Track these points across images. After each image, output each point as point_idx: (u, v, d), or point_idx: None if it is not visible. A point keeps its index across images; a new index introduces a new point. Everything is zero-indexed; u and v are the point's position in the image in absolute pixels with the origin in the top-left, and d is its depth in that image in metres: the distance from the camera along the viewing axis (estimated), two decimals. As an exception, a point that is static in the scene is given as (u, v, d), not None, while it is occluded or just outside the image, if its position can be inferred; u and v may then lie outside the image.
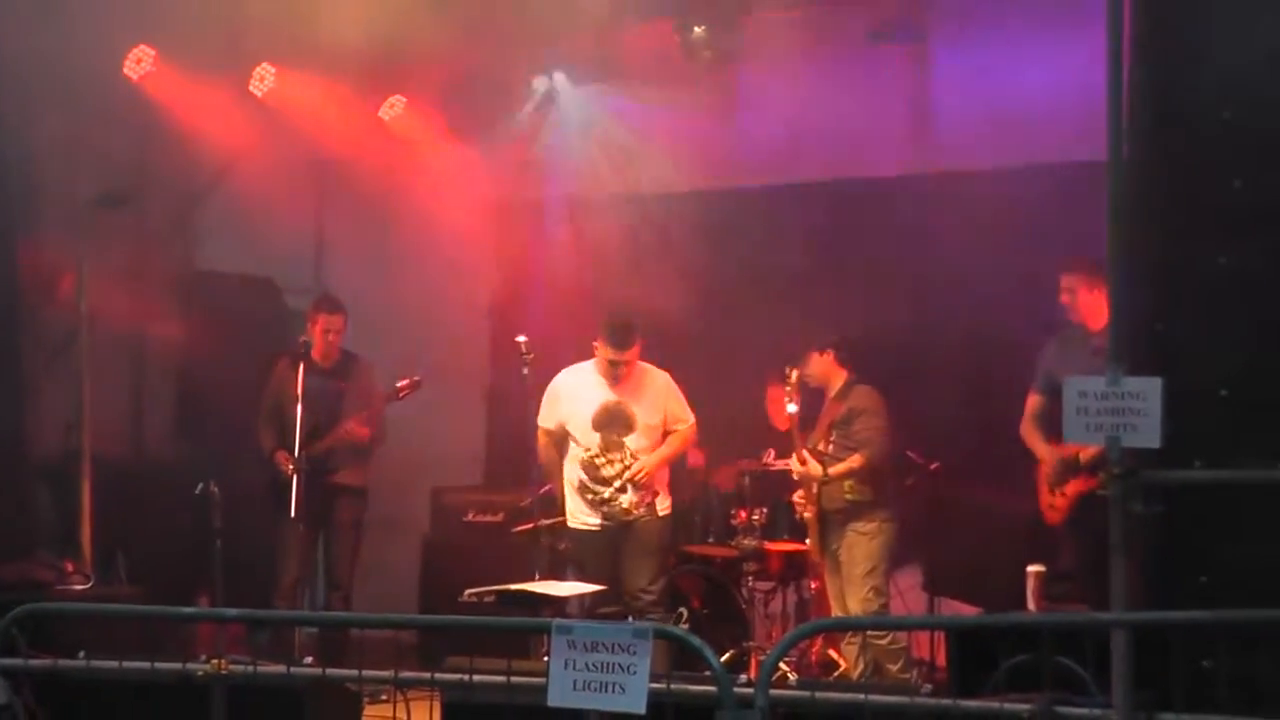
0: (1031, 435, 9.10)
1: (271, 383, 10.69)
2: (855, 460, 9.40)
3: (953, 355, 10.01)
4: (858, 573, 9.41)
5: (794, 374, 9.54)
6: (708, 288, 10.92)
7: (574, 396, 9.61)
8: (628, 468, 9.46)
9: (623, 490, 9.47)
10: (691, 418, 9.67)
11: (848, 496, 9.43)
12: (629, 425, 9.53)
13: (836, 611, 9.48)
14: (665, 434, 9.64)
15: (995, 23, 10.34)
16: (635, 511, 9.47)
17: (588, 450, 9.53)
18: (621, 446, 9.52)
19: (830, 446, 9.47)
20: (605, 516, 9.52)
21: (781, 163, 11.23)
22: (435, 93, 11.91)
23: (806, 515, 9.55)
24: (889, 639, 9.35)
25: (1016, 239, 10.02)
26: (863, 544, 9.43)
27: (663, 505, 9.63)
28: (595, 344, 9.59)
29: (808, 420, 9.70)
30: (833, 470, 9.40)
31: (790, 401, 9.54)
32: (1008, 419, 9.29)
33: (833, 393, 9.59)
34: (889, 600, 9.66)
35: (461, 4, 10.42)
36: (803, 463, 9.45)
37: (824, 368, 9.57)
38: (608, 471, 9.49)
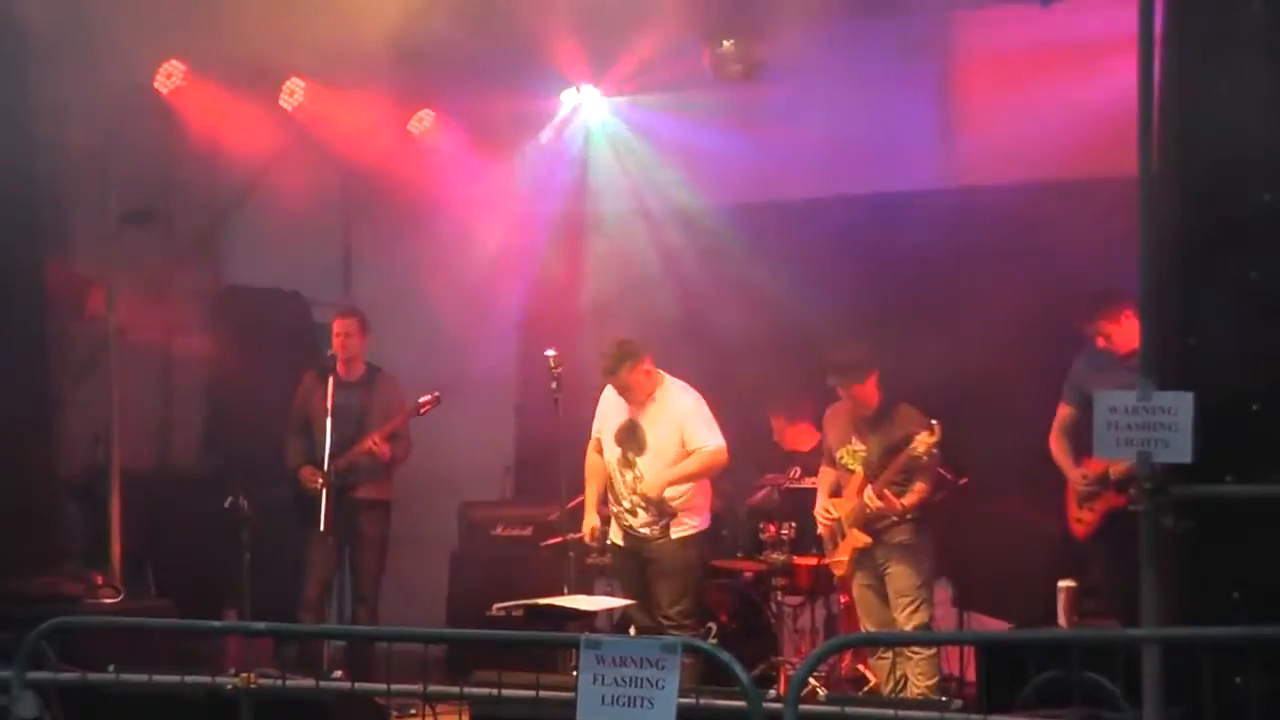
0: (1059, 450, 9.07)
1: (297, 397, 10.71)
2: (922, 489, 9.27)
3: (982, 369, 9.93)
4: (908, 585, 9.31)
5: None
6: (739, 302, 10.88)
7: (611, 410, 9.59)
8: (634, 490, 9.44)
9: (633, 512, 9.43)
10: (716, 441, 9.37)
11: (904, 515, 9.34)
12: (641, 446, 9.43)
13: (868, 626, 9.41)
14: (686, 456, 9.42)
15: (1024, 38, 10.31)
16: (647, 530, 9.42)
17: (609, 464, 9.55)
18: (633, 465, 9.48)
19: (886, 471, 9.33)
20: (624, 535, 9.50)
21: (809, 177, 11.19)
22: (464, 107, 11.92)
23: (860, 542, 9.42)
24: (928, 653, 9.27)
25: (1045, 253, 9.99)
26: (911, 558, 9.34)
27: (680, 528, 9.42)
28: None
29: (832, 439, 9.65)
30: (906, 502, 9.25)
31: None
32: (1037, 433, 9.24)
33: (869, 413, 9.46)
34: (933, 613, 9.58)
35: (490, 18, 10.43)
36: (880, 498, 9.25)
37: (872, 387, 9.44)
38: (620, 488, 9.48)
